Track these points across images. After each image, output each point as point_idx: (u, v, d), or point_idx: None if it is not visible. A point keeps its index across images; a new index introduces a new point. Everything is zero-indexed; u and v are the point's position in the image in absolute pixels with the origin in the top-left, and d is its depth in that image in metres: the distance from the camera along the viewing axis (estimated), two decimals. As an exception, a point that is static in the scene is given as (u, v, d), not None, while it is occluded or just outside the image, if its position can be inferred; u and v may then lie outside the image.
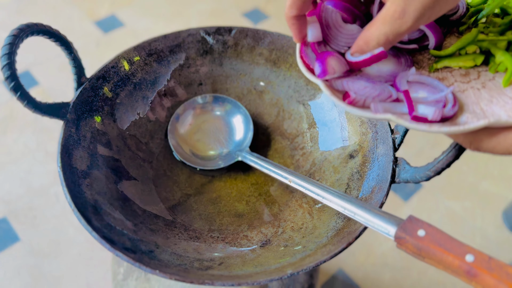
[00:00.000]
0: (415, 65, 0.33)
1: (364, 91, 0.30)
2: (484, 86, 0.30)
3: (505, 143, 0.26)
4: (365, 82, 0.30)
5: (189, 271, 0.35)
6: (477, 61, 0.31)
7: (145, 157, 0.46)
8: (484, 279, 0.26)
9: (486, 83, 0.30)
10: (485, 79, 0.31)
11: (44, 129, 0.76)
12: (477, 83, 0.30)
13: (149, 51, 0.47)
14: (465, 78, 0.31)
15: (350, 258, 0.66)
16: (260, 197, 0.45)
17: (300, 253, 0.37)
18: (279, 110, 0.50)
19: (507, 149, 0.26)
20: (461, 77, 0.31)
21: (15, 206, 0.67)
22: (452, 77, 0.31)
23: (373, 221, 0.32)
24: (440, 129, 0.27)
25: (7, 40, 0.35)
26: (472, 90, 0.30)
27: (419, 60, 0.34)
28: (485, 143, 0.27)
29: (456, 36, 0.35)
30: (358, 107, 0.29)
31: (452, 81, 0.31)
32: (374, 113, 0.28)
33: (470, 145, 0.28)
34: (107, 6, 0.97)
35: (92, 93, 0.43)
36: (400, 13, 0.26)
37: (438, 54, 0.33)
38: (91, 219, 0.35)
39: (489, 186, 0.76)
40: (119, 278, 0.52)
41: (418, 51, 0.34)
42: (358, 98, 0.29)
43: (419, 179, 0.36)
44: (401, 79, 0.31)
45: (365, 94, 0.29)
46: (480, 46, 0.32)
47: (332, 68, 0.31)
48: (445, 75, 0.32)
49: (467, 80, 0.31)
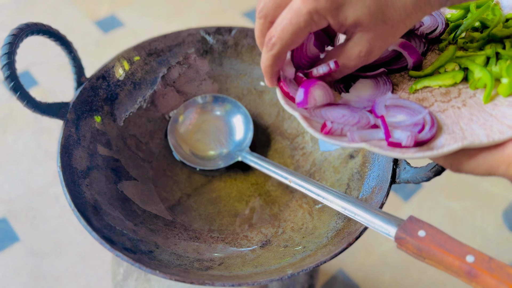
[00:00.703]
0: (395, 87, 0.33)
1: (343, 119, 0.30)
2: (465, 104, 0.29)
3: (484, 165, 0.26)
4: (343, 110, 0.30)
5: (189, 272, 0.34)
6: (456, 79, 0.31)
7: (145, 157, 0.46)
8: (485, 279, 0.26)
9: (466, 101, 0.30)
10: (466, 96, 0.30)
11: (44, 129, 0.76)
12: (457, 102, 0.30)
13: (149, 51, 0.47)
14: (446, 97, 0.31)
15: (350, 258, 0.66)
16: (260, 197, 0.45)
17: (300, 253, 0.37)
18: (279, 110, 0.50)
19: (487, 171, 0.26)
20: (441, 96, 0.31)
21: (15, 206, 0.67)
22: (432, 97, 0.31)
23: (373, 222, 0.32)
24: (414, 155, 0.26)
25: (7, 40, 0.35)
26: (452, 109, 0.29)
27: (399, 81, 0.33)
28: (465, 166, 0.26)
29: (436, 53, 0.34)
30: (335, 136, 0.29)
31: (433, 101, 0.30)
32: (350, 142, 0.28)
33: (450, 167, 0.27)
34: (107, 6, 0.97)
35: (92, 93, 0.43)
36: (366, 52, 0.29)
37: (417, 74, 0.33)
38: (91, 219, 0.35)
39: (489, 186, 0.76)
40: (119, 278, 0.52)
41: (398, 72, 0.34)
42: (335, 127, 0.29)
43: (420, 180, 0.36)
44: (378, 103, 0.31)
45: (344, 122, 0.29)
46: (459, 63, 0.31)
47: (313, 99, 0.30)
48: (425, 95, 0.31)
49: (447, 99, 0.30)
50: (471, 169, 0.26)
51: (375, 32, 0.28)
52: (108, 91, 0.44)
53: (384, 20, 0.28)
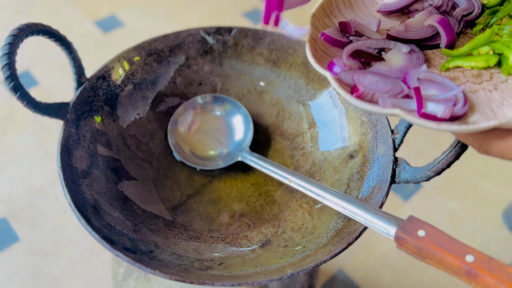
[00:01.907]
0: (427, 63, 0.33)
1: (375, 86, 0.29)
2: (496, 88, 0.29)
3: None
4: (376, 77, 0.30)
5: (189, 271, 0.35)
6: (490, 62, 0.31)
7: (145, 157, 0.46)
8: (484, 279, 0.26)
9: (498, 85, 0.30)
10: (498, 81, 0.30)
11: (44, 129, 0.76)
12: (489, 85, 0.30)
13: (149, 51, 0.47)
14: (477, 79, 0.30)
15: (350, 258, 0.66)
16: (260, 197, 0.45)
17: (300, 253, 0.37)
18: (279, 110, 0.50)
19: None
20: (473, 77, 0.31)
21: (15, 206, 0.67)
22: (463, 77, 0.31)
23: (373, 221, 0.32)
24: (450, 127, 0.26)
25: (7, 40, 0.35)
26: (483, 91, 0.29)
27: (431, 58, 0.33)
28: (495, 146, 0.26)
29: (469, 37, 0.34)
30: (366, 101, 0.28)
31: (464, 81, 0.30)
32: (382, 108, 0.27)
33: (479, 147, 0.27)
34: (107, 6, 0.97)
35: (92, 93, 0.43)
36: None
37: (450, 53, 0.33)
38: (91, 219, 0.35)
39: (489, 186, 0.76)
40: (119, 278, 0.52)
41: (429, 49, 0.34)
42: (366, 92, 0.28)
43: (419, 180, 0.36)
44: (411, 76, 0.30)
45: (376, 88, 0.29)
46: (493, 47, 0.31)
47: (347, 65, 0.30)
48: (457, 74, 0.31)
49: (478, 81, 0.30)
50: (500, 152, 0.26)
51: None
52: (108, 92, 0.44)
53: None
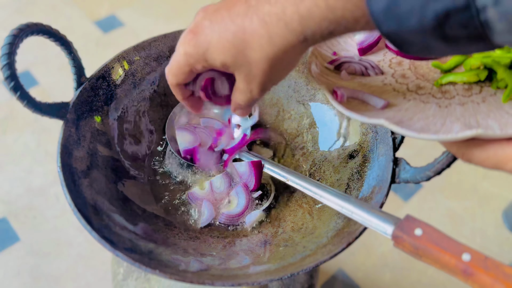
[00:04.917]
0: (421, 77, 0.35)
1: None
2: (484, 100, 0.31)
3: (493, 158, 0.26)
4: None
5: (188, 271, 0.35)
6: (481, 76, 0.32)
7: (145, 157, 0.46)
8: (481, 278, 0.26)
9: (486, 98, 0.31)
10: (487, 94, 0.31)
11: (44, 129, 0.76)
12: (477, 98, 0.31)
13: (149, 51, 0.47)
14: (467, 92, 0.32)
15: (350, 258, 0.66)
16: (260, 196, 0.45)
17: (300, 253, 0.37)
18: (279, 110, 0.50)
19: (495, 164, 0.26)
20: (463, 91, 0.32)
21: (15, 206, 0.67)
22: (454, 91, 0.32)
23: (370, 220, 0.32)
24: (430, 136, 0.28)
25: (7, 40, 0.35)
26: (471, 104, 0.31)
27: (425, 72, 0.35)
28: (476, 156, 0.27)
29: None
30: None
31: (454, 94, 0.32)
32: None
33: (462, 156, 0.28)
34: (107, 6, 0.97)
35: (92, 93, 0.43)
36: (247, 89, 0.31)
37: (438, 65, 0.34)
38: (91, 219, 0.35)
39: (489, 186, 0.76)
40: (119, 278, 0.52)
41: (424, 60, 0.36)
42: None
43: (419, 179, 0.36)
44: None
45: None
46: (484, 62, 0.33)
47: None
48: (448, 88, 0.33)
49: (468, 94, 0.32)
50: (481, 161, 0.27)
51: (245, 72, 0.30)
52: (108, 91, 0.44)
53: (247, 61, 0.29)
